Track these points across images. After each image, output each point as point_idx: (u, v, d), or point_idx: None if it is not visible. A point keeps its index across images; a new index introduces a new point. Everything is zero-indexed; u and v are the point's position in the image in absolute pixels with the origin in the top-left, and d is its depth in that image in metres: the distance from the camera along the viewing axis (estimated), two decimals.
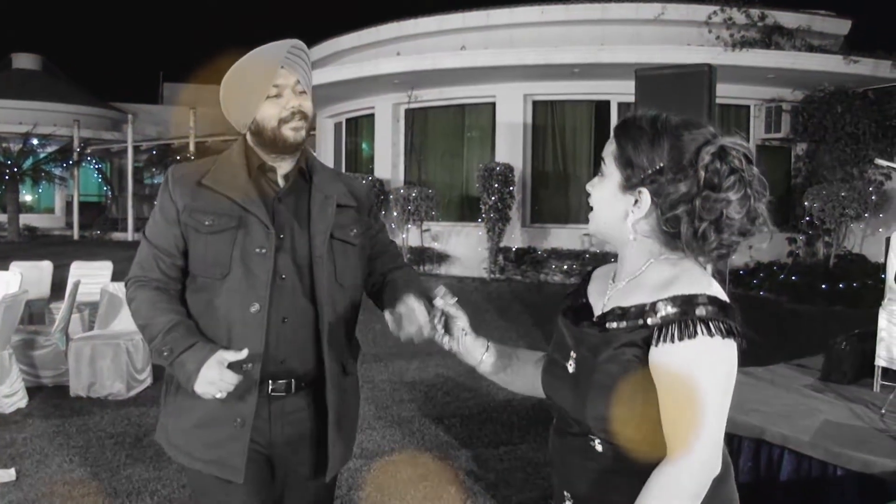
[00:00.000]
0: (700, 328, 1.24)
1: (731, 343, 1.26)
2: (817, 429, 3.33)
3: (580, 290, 1.53)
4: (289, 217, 1.89)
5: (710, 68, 5.08)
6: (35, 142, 23.48)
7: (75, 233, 22.52)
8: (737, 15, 11.73)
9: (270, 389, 1.85)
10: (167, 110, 28.58)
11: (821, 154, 11.68)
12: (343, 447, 1.97)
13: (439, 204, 12.29)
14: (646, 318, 1.29)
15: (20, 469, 4.02)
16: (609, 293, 1.43)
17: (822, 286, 9.97)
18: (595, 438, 1.35)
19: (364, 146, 14.96)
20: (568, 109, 12.66)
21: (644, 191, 1.34)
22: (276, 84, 1.85)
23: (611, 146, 1.40)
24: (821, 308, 9.50)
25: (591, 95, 12.28)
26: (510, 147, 12.39)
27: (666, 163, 1.32)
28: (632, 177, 1.35)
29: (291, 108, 1.86)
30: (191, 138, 22.45)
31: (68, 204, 25.86)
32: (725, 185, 1.29)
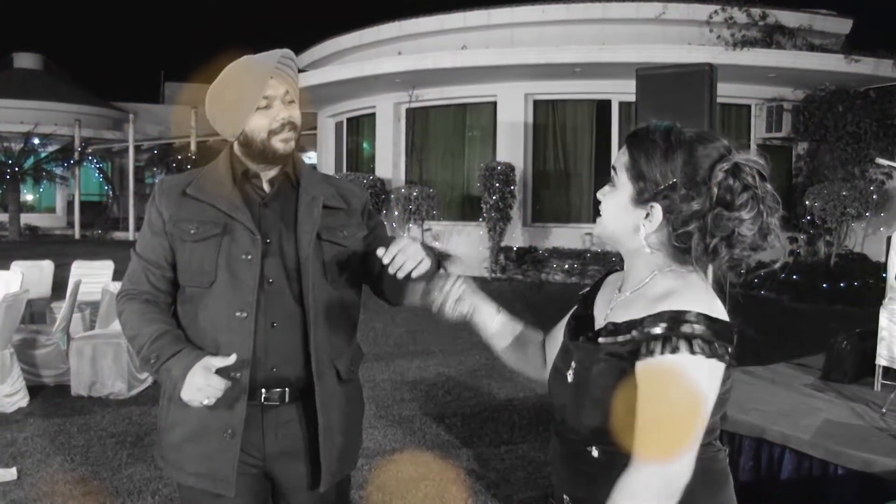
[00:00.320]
0: (682, 345, 1.24)
1: (716, 363, 1.25)
2: (818, 428, 3.32)
3: (589, 299, 1.53)
4: (276, 221, 1.86)
5: (711, 67, 5.06)
6: (36, 141, 23.52)
7: (76, 232, 22.54)
8: (738, 14, 11.73)
9: (263, 398, 1.82)
10: (168, 110, 28.55)
11: (822, 153, 11.69)
12: (338, 458, 1.88)
13: (440, 203, 12.31)
14: (634, 333, 1.30)
15: (21, 468, 4.03)
16: (613, 303, 1.43)
17: (823, 285, 9.98)
18: (592, 446, 1.36)
19: (365, 145, 14.97)
20: (569, 109, 12.67)
21: (656, 206, 1.33)
22: (266, 95, 1.81)
23: (623, 157, 1.39)
24: (821, 307, 9.51)
25: (592, 95, 12.30)
26: (511, 146, 12.40)
27: (679, 178, 1.31)
28: (644, 191, 1.34)
29: (282, 120, 1.82)
30: (192, 138, 22.45)
31: (69, 203, 25.93)
32: (738, 203, 1.28)
